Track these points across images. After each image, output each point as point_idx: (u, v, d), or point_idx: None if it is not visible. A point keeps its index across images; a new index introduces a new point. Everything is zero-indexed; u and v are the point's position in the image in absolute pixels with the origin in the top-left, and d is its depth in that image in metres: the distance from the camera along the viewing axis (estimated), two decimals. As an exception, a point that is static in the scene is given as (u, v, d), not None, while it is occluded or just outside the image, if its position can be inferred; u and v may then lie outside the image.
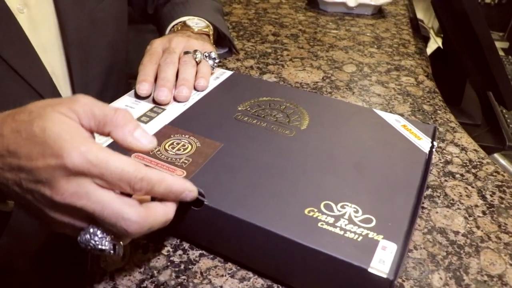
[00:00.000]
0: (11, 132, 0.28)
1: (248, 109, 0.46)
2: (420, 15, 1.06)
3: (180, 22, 0.62)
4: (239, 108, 0.46)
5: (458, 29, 0.71)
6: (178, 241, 0.39)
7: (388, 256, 0.30)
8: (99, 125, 0.30)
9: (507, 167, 0.67)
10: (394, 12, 0.99)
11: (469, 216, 0.43)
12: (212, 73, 0.53)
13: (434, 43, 1.05)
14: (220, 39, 0.69)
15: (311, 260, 0.32)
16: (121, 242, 0.31)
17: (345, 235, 0.32)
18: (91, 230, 0.30)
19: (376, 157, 0.40)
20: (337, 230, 0.32)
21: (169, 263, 0.37)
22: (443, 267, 0.37)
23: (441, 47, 0.89)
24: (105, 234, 0.30)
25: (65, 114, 0.29)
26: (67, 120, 0.28)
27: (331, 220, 0.33)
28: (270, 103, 0.48)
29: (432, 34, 1.05)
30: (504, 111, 0.83)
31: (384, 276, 0.29)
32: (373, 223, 0.33)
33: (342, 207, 0.34)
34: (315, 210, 0.34)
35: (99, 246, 0.30)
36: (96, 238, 0.29)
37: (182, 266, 0.37)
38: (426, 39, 0.94)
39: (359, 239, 0.31)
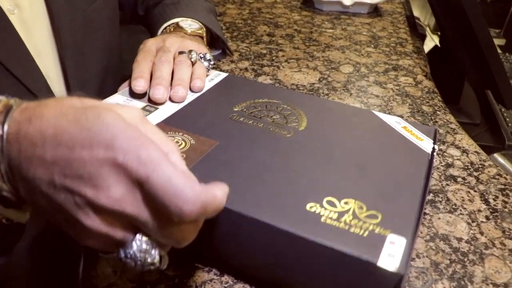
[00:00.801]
0: (53, 116, 0.23)
1: (244, 110, 0.45)
2: (416, 12, 1.05)
3: (173, 23, 0.61)
4: (235, 109, 0.45)
5: (456, 27, 0.70)
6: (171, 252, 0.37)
7: (397, 250, 0.29)
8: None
9: (507, 167, 0.66)
10: (390, 10, 0.98)
11: (472, 221, 0.41)
12: (207, 75, 0.52)
13: (431, 41, 1.04)
14: (213, 41, 0.68)
15: (314, 257, 0.30)
16: (163, 252, 0.27)
17: (350, 230, 0.30)
18: (138, 242, 0.25)
19: (379, 158, 0.39)
20: (342, 225, 0.30)
21: (162, 277, 0.35)
22: (447, 276, 0.36)
23: (438, 45, 0.87)
24: (151, 243, 0.25)
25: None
26: (125, 118, 0.24)
27: (334, 215, 0.31)
28: (266, 105, 0.46)
29: (428, 32, 1.04)
30: (503, 110, 0.82)
31: (395, 270, 0.28)
32: (379, 219, 0.31)
33: (346, 203, 0.33)
34: (317, 205, 0.32)
35: (149, 260, 0.25)
36: (144, 251, 0.25)
37: (176, 280, 0.35)
38: (422, 37, 0.93)
39: (365, 234, 0.30)
